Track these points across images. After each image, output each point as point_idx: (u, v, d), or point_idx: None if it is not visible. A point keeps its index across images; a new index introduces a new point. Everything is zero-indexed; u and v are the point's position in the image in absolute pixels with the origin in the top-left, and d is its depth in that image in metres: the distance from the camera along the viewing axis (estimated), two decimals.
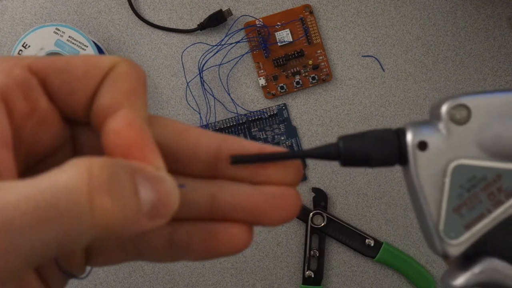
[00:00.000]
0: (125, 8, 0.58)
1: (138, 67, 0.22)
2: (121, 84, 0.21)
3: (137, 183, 0.19)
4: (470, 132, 0.23)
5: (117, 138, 0.20)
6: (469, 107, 0.22)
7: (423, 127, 0.23)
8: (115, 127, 0.20)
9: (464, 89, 0.58)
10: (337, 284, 0.57)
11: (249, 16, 0.58)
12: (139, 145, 0.20)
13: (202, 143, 0.23)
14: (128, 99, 0.21)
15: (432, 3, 0.58)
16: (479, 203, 0.23)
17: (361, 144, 0.23)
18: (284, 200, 0.22)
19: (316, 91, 0.58)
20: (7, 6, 0.58)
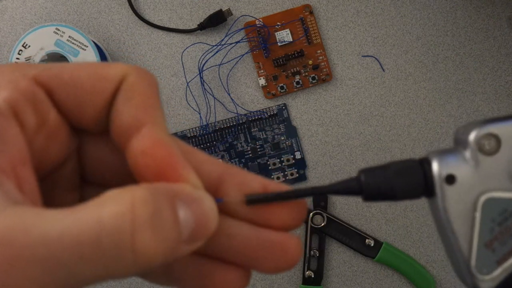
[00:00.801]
0: (125, 8, 0.58)
1: (149, 74, 0.21)
2: (137, 99, 0.20)
3: (177, 208, 0.18)
4: (500, 163, 0.21)
5: (147, 160, 0.19)
6: (498, 136, 0.21)
7: (449, 158, 0.21)
8: (142, 148, 0.19)
9: (464, 89, 0.58)
10: (337, 284, 0.57)
11: (249, 16, 0.58)
12: (171, 164, 0.19)
13: (204, 170, 0.21)
14: (148, 114, 0.20)
15: (432, 3, 0.58)
16: (510, 237, 0.22)
17: (384, 177, 0.21)
18: (283, 250, 0.21)
19: (316, 91, 0.58)
20: (7, 6, 0.58)
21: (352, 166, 0.57)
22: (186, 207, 0.18)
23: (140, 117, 0.20)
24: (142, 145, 0.19)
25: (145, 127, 0.20)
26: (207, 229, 0.19)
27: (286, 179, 0.57)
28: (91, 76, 0.20)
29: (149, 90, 0.20)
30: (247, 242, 0.21)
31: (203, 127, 0.57)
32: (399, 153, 0.57)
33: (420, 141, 0.58)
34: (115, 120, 0.20)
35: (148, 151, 0.19)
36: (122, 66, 0.20)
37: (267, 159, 0.57)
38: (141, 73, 0.20)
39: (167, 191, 0.18)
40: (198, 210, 0.19)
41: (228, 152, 0.57)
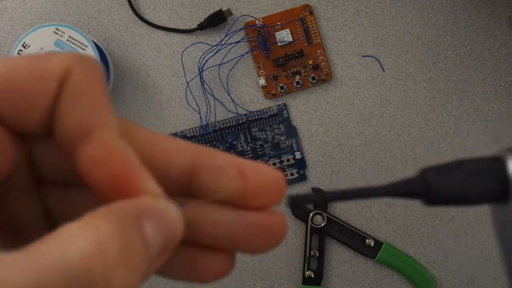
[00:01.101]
0: (125, 8, 0.58)
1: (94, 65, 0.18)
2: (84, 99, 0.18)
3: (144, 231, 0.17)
4: None
5: (100, 170, 0.17)
6: None
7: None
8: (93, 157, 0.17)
9: (464, 89, 0.58)
10: (337, 284, 0.57)
11: (249, 16, 0.58)
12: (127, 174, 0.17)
13: (172, 160, 0.20)
14: (97, 116, 0.18)
15: (432, 3, 0.58)
16: None
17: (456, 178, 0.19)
18: (269, 229, 0.20)
19: (316, 91, 0.58)
20: (7, 6, 0.58)
21: (352, 166, 0.57)
22: (151, 223, 0.17)
23: (88, 120, 0.18)
24: (93, 154, 0.17)
25: (94, 131, 0.18)
26: (175, 239, 0.18)
27: (286, 179, 0.57)
28: (29, 77, 0.17)
29: (96, 85, 0.18)
30: (233, 227, 0.20)
31: (203, 127, 0.57)
32: (399, 153, 0.57)
33: (420, 141, 0.58)
34: (60, 124, 0.18)
35: (100, 161, 0.17)
36: (63, 59, 0.18)
37: (267, 159, 0.57)
38: (85, 65, 0.18)
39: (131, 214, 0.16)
40: (164, 223, 0.17)
41: (228, 152, 0.57)
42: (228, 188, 0.20)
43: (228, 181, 0.20)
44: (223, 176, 0.20)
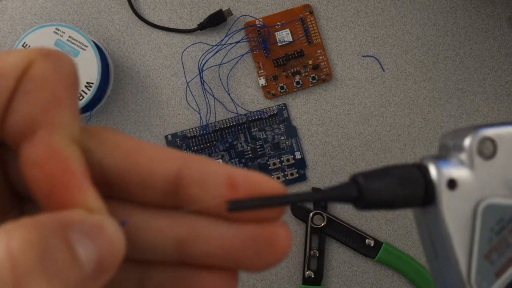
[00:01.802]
0: (125, 8, 0.58)
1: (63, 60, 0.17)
2: (37, 93, 0.16)
3: (72, 242, 0.15)
4: (497, 167, 0.20)
5: (36, 172, 0.16)
6: (495, 140, 0.20)
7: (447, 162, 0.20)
8: (32, 157, 0.16)
9: (464, 89, 0.58)
10: (337, 284, 0.57)
11: (249, 16, 0.58)
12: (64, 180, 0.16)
13: (156, 169, 0.18)
14: (47, 114, 0.16)
15: (432, 3, 0.58)
16: (507, 247, 0.20)
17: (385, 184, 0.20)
18: (270, 244, 0.18)
19: (316, 91, 0.58)
20: (7, 6, 0.58)
21: (352, 166, 0.57)
22: (83, 238, 0.15)
23: (35, 118, 0.16)
24: (32, 154, 0.16)
25: (41, 130, 0.16)
26: (114, 258, 0.16)
27: (286, 179, 0.57)
28: None
29: (57, 82, 0.16)
30: (228, 243, 0.18)
31: (203, 127, 0.57)
32: (399, 153, 0.57)
33: (420, 141, 0.58)
34: (8, 120, 0.16)
35: (38, 163, 0.16)
36: (26, 52, 0.16)
37: (267, 159, 0.57)
38: (50, 59, 0.16)
39: (55, 224, 0.15)
40: (99, 240, 0.15)
41: (228, 152, 0.57)
42: (216, 197, 0.18)
43: (216, 190, 0.18)
44: (211, 185, 0.18)
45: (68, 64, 0.17)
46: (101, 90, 0.54)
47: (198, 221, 0.18)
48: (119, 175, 0.18)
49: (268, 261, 0.18)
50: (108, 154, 0.18)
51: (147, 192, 0.18)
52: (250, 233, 0.18)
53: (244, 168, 0.58)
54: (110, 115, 0.57)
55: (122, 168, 0.18)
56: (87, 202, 0.16)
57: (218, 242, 0.18)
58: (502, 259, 0.20)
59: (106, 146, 0.18)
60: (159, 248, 0.18)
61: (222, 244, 0.18)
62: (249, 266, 0.18)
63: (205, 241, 0.18)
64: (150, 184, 0.18)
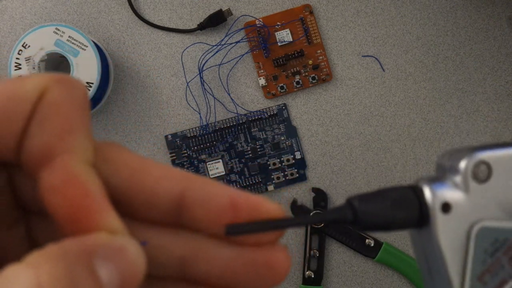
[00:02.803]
0: (125, 8, 0.58)
1: (75, 86, 0.17)
2: (53, 120, 0.17)
3: (96, 269, 0.15)
4: (491, 190, 0.21)
5: (57, 198, 0.16)
6: (490, 164, 0.21)
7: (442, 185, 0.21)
8: (52, 183, 0.16)
9: (464, 89, 0.58)
10: (337, 284, 0.57)
11: (249, 16, 0.58)
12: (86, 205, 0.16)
13: (160, 189, 0.18)
14: (64, 140, 0.17)
15: (432, 3, 0.58)
16: (501, 268, 0.21)
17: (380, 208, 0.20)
18: (269, 268, 0.18)
19: (316, 91, 0.58)
20: (7, 6, 0.58)
21: (352, 166, 0.57)
22: (106, 262, 0.15)
23: (53, 144, 0.17)
24: (52, 181, 0.16)
25: (58, 157, 0.16)
26: (136, 278, 0.16)
27: (286, 179, 0.57)
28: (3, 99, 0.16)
29: (71, 108, 0.17)
30: (228, 265, 0.18)
31: (203, 127, 0.57)
32: (399, 153, 0.57)
33: (420, 141, 0.58)
34: (26, 146, 0.17)
35: (58, 189, 0.16)
36: (41, 79, 0.17)
37: (267, 159, 0.57)
38: (63, 85, 0.17)
39: (80, 253, 0.15)
40: (122, 262, 0.16)
41: (228, 152, 0.57)
42: (218, 220, 0.18)
43: (218, 212, 0.18)
44: (213, 207, 0.18)
45: (80, 89, 0.17)
46: (101, 90, 0.54)
47: (201, 241, 0.19)
48: (124, 194, 0.18)
49: (267, 284, 0.18)
50: (114, 172, 0.18)
51: (151, 210, 0.18)
52: (251, 256, 0.18)
53: (244, 168, 0.58)
54: (110, 115, 0.57)
55: (128, 187, 0.18)
56: (109, 224, 0.16)
57: (219, 263, 0.18)
58: (495, 280, 0.21)
59: (112, 164, 0.18)
60: (162, 264, 0.19)
61: (223, 265, 0.18)
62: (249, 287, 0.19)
63: (206, 261, 0.18)
64: (154, 203, 0.18)
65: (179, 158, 0.57)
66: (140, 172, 0.18)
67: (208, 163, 0.57)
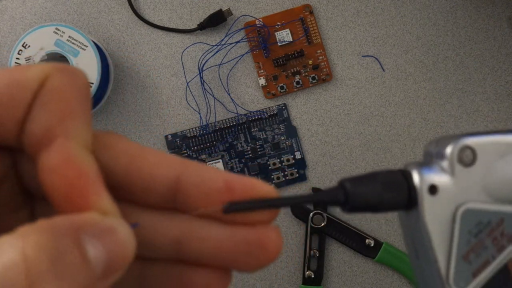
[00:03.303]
0: (125, 8, 0.58)
1: (76, 75, 0.18)
2: (53, 105, 0.17)
3: (84, 245, 0.16)
4: (476, 174, 0.22)
5: (54, 178, 0.17)
6: (474, 149, 0.22)
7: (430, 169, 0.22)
8: (49, 164, 0.17)
9: (464, 89, 0.58)
10: (337, 284, 0.57)
11: (249, 16, 0.58)
12: (80, 185, 0.17)
13: (157, 174, 0.19)
14: (63, 124, 0.17)
15: (432, 3, 0.58)
16: (484, 249, 0.22)
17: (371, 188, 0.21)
18: (261, 246, 0.19)
19: (316, 91, 0.58)
20: (7, 6, 0.58)
21: (352, 166, 0.57)
22: (95, 240, 0.16)
23: (52, 127, 0.17)
24: (49, 161, 0.17)
25: (57, 139, 0.17)
26: (124, 259, 0.17)
27: (286, 179, 0.57)
28: (7, 86, 0.17)
29: (71, 94, 0.18)
30: (221, 244, 0.19)
31: (203, 127, 0.57)
32: (399, 153, 0.57)
33: (420, 141, 0.58)
34: (27, 129, 0.18)
35: (55, 169, 0.17)
36: (43, 67, 0.18)
37: (267, 159, 0.57)
38: (64, 73, 0.18)
39: (68, 227, 0.16)
40: (110, 241, 0.16)
41: (228, 152, 0.57)
42: (214, 202, 0.19)
43: (213, 195, 0.19)
44: (208, 190, 0.19)
45: (82, 78, 0.18)
46: (101, 90, 0.54)
47: (194, 222, 0.19)
48: (122, 179, 0.19)
49: (260, 262, 0.19)
50: (113, 159, 0.19)
51: (148, 195, 0.19)
52: (243, 235, 0.19)
53: (244, 168, 0.58)
54: (110, 115, 0.57)
55: (126, 172, 0.19)
56: (102, 205, 0.17)
57: (212, 242, 0.19)
58: (479, 260, 0.22)
59: (111, 151, 0.19)
60: (157, 246, 0.19)
61: (217, 244, 0.19)
62: (241, 266, 0.19)
63: (200, 241, 0.19)
64: (151, 188, 0.19)
65: None
66: (138, 158, 0.19)
67: (208, 163, 0.57)
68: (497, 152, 0.22)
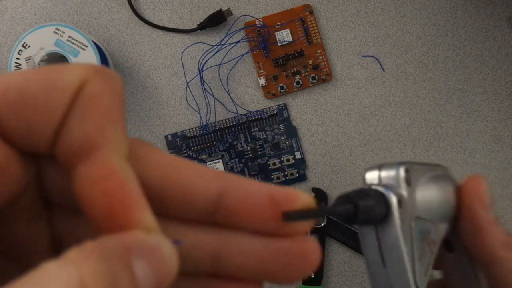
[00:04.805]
0: (125, 8, 0.58)
1: (115, 79, 0.17)
2: (93, 112, 0.16)
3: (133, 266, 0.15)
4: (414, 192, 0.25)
5: (95, 192, 0.16)
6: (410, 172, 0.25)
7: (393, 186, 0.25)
8: (91, 177, 0.16)
9: (464, 89, 0.58)
10: (337, 284, 0.57)
11: (249, 16, 0.58)
12: (124, 200, 0.16)
13: (197, 188, 0.18)
14: (104, 134, 0.16)
15: (432, 3, 0.58)
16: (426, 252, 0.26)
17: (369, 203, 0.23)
18: (302, 258, 0.19)
19: (316, 91, 0.58)
20: (7, 6, 0.58)
21: (352, 166, 0.57)
22: (142, 261, 0.16)
23: (93, 137, 0.16)
24: (91, 174, 0.16)
25: (98, 150, 0.16)
26: (169, 278, 0.16)
27: (286, 179, 0.57)
28: (43, 88, 0.16)
29: (111, 101, 0.17)
30: (262, 256, 0.19)
31: (203, 127, 0.57)
32: (399, 153, 0.57)
33: (420, 141, 0.58)
34: (63, 138, 0.16)
35: (97, 182, 0.16)
36: (80, 69, 0.17)
37: (267, 159, 0.57)
38: (103, 77, 0.17)
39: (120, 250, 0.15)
40: (156, 261, 0.16)
41: (228, 152, 0.57)
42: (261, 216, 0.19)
43: (258, 209, 0.19)
44: (253, 204, 0.19)
45: (118, 81, 0.17)
46: None
47: (233, 235, 0.19)
48: (157, 192, 0.18)
49: (299, 273, 0.19)
50: (146, 170, 0.18)
51: (185, 209, 0.19)
52: (283, 247, 0.19)
53: (244, 168, 0.58)
54: None
55: (161, 185, 0.18)
56: (145, 222, 0.16)
57: (252, 255, 0.19)
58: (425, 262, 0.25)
59: (145, 162, 0.18)
60: (195, 261, 0.19)
61: (257, 257, 0.19)
62: (280, 278, 0.19)
63: (240, 254, 0.19)
64: (190, 202, 0.18)
65: None
66: (173, 172, 0.18)
67: (208, 163, 0.57)
68: (421, 177, 0.26)
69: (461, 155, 0.58)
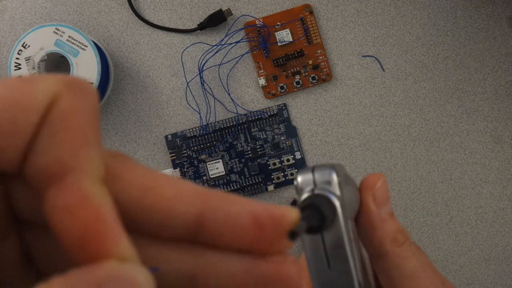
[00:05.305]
0: (125, 8, 0.58)
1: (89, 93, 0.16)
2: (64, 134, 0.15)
3: None
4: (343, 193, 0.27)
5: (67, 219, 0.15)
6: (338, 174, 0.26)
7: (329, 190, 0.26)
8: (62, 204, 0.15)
9: (464, 89, 0.58)
10: None
11: (249, 16, 0.58)
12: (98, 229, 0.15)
13: (177, 211, 0.17)
14: (76, 156, 0.15)
15: (432, 3, 0.58)
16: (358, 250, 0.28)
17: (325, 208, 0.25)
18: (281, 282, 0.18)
19: (316, 91, 0.58)
20: (7, 6, 0.58)
21: (352, 166, 0.57)
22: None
23: (64, 160, 0.15)
24: (62, 201, 0.15)
25: (70, 174, 0.15)
26: None
27: (286, 179, 0.57)
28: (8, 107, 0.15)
29: (84, 119, 0.15)
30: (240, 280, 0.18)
31: (203, 127, 0.57)
32: (399, 153, 0.57)
33: (420, 141, 0.58)
34: (32, 160, 0.15)
35: (69, 210, 0.15)
36: (49, 84, 0.15)
37: (267, 159, 0.57)
38: (76, 91, 0.15)
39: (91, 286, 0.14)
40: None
41: (228, 152, 0.57)
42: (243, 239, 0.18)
43: (241, 232, 0.18)
44: (235, 227, 0.18)
45: (93, 95, 0.16)
46: (101, 90, 0.54)
47: (210, 255, 0.18)
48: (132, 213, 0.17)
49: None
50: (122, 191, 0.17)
51: (164, 230, 0.18)
52: (263, 269, 0.18)
53: (244, 168, 0.58)
54: (110, 115, 0.57)
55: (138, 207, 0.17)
56: (120, 251, 0.15)
57: (230, 278, 0.18)
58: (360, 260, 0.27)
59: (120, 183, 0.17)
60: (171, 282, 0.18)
61: (234, 280, 0.18)
62: None
63: (217, 277, 0.18)
64: (169, 224, 0.17)
65: (179, 158, 0.57)
66: (152, 192, 0.17)
67: (208, 163, 0.57)
68: (342, 178, 0.27)
69: (461, 155, 0.58)
